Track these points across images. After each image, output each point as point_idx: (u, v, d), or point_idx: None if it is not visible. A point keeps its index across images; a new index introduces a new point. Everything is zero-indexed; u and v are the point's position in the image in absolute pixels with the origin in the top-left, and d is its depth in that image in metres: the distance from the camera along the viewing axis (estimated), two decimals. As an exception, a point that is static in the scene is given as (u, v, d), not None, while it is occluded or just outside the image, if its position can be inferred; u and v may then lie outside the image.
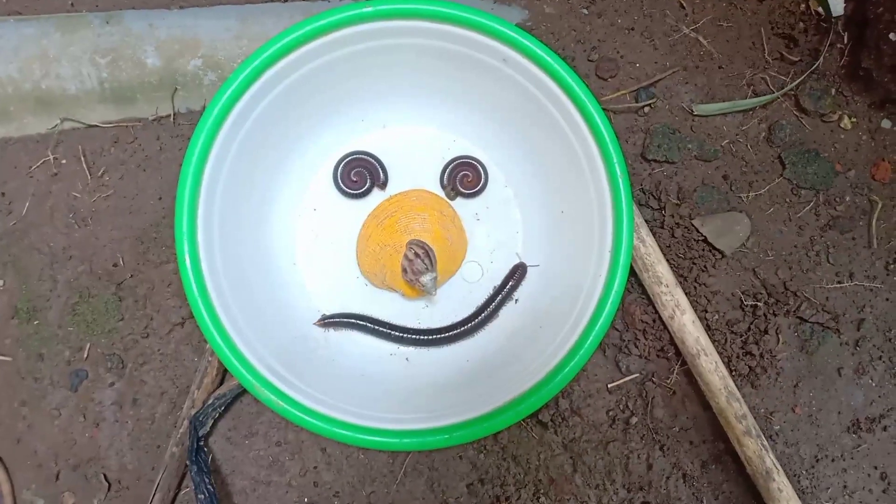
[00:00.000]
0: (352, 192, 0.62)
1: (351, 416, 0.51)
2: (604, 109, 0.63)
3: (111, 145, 0.66)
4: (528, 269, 0.61)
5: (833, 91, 0.65)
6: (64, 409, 0.61)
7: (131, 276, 0.63)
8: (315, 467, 0.60)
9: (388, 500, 0.59)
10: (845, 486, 0.60)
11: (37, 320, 0.62)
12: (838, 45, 0.66)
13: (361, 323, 0.59)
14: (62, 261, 0.64)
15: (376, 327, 0.59)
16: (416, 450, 0.57)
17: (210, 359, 0.59)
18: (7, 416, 0.61)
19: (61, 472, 0.60)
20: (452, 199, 0.63)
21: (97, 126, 0.66)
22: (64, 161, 0.65)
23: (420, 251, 0.56)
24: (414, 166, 0.63)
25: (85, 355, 0.62)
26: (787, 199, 0.64)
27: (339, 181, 0.62)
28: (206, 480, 0.56)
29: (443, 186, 0.63)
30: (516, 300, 0.61)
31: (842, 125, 0.65)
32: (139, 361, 0.62)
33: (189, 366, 0.62)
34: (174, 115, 0.66)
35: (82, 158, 0.65)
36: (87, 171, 0.65)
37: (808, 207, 0.64)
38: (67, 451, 0.61)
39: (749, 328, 0.61)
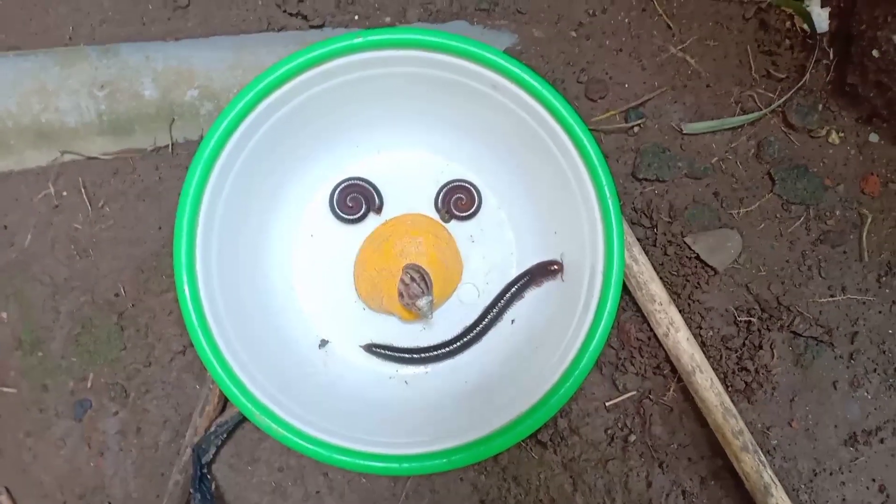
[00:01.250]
0: (348, 217, 0.63)
1: (350, 441, 0.52)
2: (594, 130, 0.64)
3: (111, 176, 0.67)
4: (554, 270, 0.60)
5: (820, 107, 0.66)
6: (69, 439, 0.62)
7: (132, 305, 0.64)
8: (318, 492, 0.60)
9: (390, 522, 0.60)
10: (844, 500, 0.61)
11: (40, 351, 0.63)
12: (824, 62, 0.67)
13: (407, 356, 0.61)
14: (64, 292, 0.64)
15: (420, 355, 0.61)
16: (415, 474, 0.57)
17: (211, 386, 0.60)
18: (12, 446, 0.62)
19: (67, 502, 0.61)
20: (447, 221, 0.63)
21: (97, 158, 0.67)
22: (65, 193, 0.67)
23: (416, 275, 0.57)
24: (409, 190, 0.64)
25: (88, 385, 0.63)
26: (778, 215, 0.65)
27: (336, 207, 0.63)
28: (210, 507, 0.56)
29: (437, 210, 0.63)
30: (513, 321, 0.61)
31: (830, 140, 0.66)
32: (142, 390, 0.63)
33: (191, 393, 0.62)
34: (172, 145, 0.67)
35: (82, 190, 0.66)
36: (88, 203, 0.66)
37: (798, 222, 0.64)
38: (73, 480, 0.61)
39: (744, 344, 0.62)
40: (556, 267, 0.59)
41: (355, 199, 0.63)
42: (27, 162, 0.67)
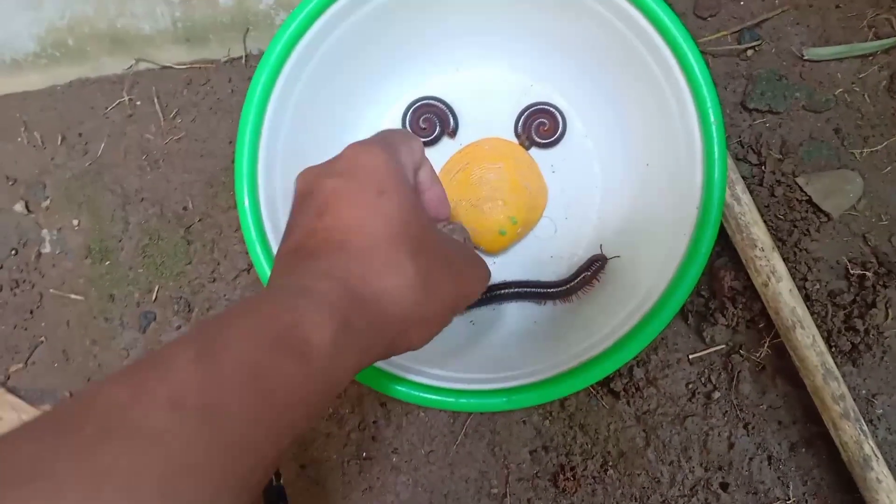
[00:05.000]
0: (421, 139, 0.59)
1: (408, 372, 0.49)
2: (702, 52, 0.57)
3: (184, 87, 0.65)
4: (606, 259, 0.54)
5: (974, 33, 0.56)
6: (133, 350, 0.62)
7: (200, 220, 0.63)
8: (374, 422, 0.58)
9: (448, 460, 0.57)
10: (958, 482, 0.54)
11: (108, 261, 0.63)
12: (984, -20, 0.57)
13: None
14: (134, 202, 0.64)
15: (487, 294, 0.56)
16: (472, 411, 0.54)
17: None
18: (79, 354, 0.62)
19: (129, 411, 0.61)
20: (527, 149, 0.58)
21: (171, 67, 0.65)
22: (139, 102, 0.65)
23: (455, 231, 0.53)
24: (486, 113, 0.59)
25: (154, 297, 0.62)
26: (909, 158, 0.56)
27: (408, 128, 0.59)
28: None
29: (517, 136, 0.58)
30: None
31: (982, 73, 0.56)
32: (205, 306, 0.62)
33: (253, 312, 0.61)
34: (246, 56, 0.65)
35: (156, 100, 0.65)
36: (161, 114, 0.65)
37: (933, 167, 0.56)
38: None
39: (854, 300, 0.55)
40: (599, 263, 0.53)
41: (428, 121, 0.59)
42: (103, 69, 0.66)
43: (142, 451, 0.20)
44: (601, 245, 0.55)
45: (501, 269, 0.58)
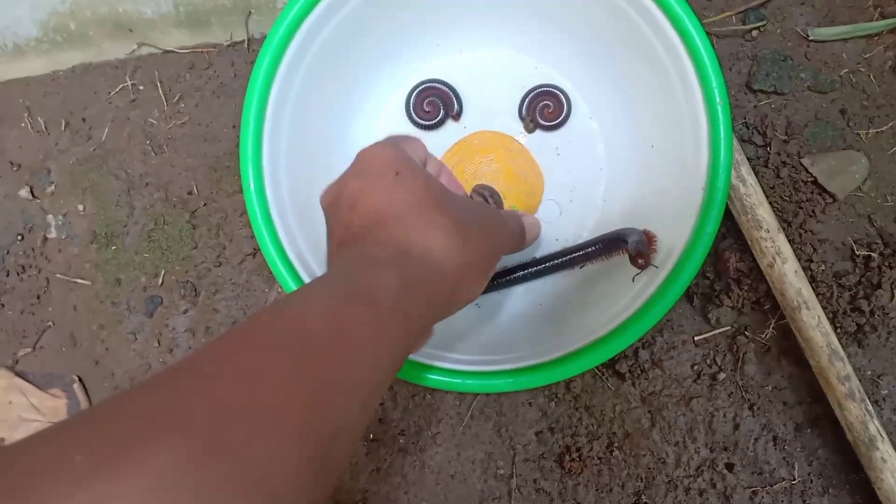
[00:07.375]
0: (425, 122, 0.59)
1: (415, 355, 0.49)
2: (706, 33, 0.56)
3: (187, 71, 0.65)
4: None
5: (982, 12, 0.56)
6: (140, 334, 0.62)
7: (205, 204, 0.63)
8: (381, 404, 0.59)
9: (454, 441, 0.57)
10: (962, 461, 0.54)
11: (114, 246, 0.63)
12: None
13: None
14: (139, 187, 0.64)
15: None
16: (478, 392, 0.55)
17: (279, 291, 0.59)
18: (87, 338, 0.63)
19: (137, 395, 0.62)
20: (531, 131, 0.58)
21: (173, 52, 0.65)
22: (141, 87, 0.65)
23: (486, 193, 0.52)
24: (491, 95, 0.59)
25: (160, 282, 0.62)
26: (916, 138, 0.56)
27: (412, 112, 0.59)
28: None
29: (521, 118, 0.58)
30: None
31: None
32: (212, 290, 0.62)
33: (260, 297, 0.61)
34: (248, 40, 0.64)
35: (158, 85, 0.65)
36: (164, 98, 0.65)
37: (940, 147, 0.56)
38: (142, 375, 0.62)
39: (860, 281, 0.55)
40: (642, 261, 0.47)
41: (432, 104, 0.59)
42: (105, 54, 0.66)
43: (249, 386, 0.24)
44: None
45: (510, 255, 0.58)
